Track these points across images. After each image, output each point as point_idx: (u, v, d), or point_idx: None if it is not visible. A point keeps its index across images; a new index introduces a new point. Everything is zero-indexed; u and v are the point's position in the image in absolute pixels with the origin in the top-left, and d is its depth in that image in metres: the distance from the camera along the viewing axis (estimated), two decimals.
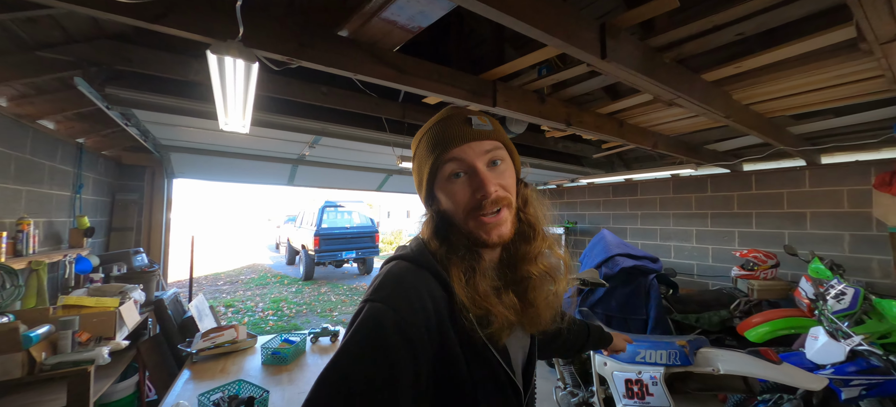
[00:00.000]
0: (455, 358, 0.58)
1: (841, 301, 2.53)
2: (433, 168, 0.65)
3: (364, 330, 0.54)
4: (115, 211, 4.02)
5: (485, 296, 0.61)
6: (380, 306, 0.55)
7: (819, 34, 1.41)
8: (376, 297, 0.57)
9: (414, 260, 0.63)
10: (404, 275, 0.60)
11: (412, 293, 0.57)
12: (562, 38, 1.25)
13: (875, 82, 1.84)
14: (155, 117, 2.79)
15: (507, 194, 0.65)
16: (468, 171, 0.64)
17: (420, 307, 0.56)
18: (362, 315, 0.56)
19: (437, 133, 0.66)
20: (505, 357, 0.63)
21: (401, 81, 1.65)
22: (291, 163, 4.23)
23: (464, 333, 0.60)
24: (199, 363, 2.18)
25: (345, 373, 0.51)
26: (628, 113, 2.64)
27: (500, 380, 0.62)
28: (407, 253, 0.65)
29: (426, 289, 0.59)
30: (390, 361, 0.51)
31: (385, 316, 0.54)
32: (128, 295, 2.38)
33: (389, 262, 0.66)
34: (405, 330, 0.53)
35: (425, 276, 0.61)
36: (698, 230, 4.48)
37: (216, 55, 1.28)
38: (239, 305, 6.62)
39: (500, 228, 0.64)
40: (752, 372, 1.51)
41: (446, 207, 0.66)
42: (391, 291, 0.57)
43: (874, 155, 3.25)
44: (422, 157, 0.69)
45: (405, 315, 0.54)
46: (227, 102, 1.91)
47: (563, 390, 2.26)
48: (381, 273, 0.63)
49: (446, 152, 0.64)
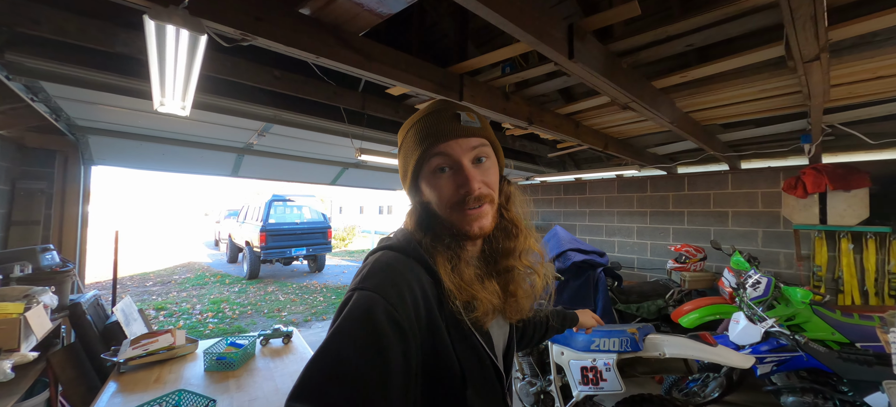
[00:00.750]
0: (444, 344, 0.59)
1: (757, 289, 2.87)
2: (419, 160, 0.67)
3: (355, 317, 0.54)
4: (17, 202, 3.43)
5: (469, 282, 0.64)
6: (369, 294, 0.55)
7: (753, 51, 1.58)
8: (365, 285, 0.57)
9: (401, 249, 0.64)
10: (392, 263, 0.61)
11: (401, 281, 0.58)
12: (534, 34, 1.26)
13: (791, 98, 2.11)
14: (69, 92, 2.42)
15: (490, 191, 0.67)
16: (453, 167, 0.65)
17: (409, 295, 0.57)
18: (352, 303, 0.55)
19: (426, 126, 0.67)
20: (488, 343, 0.66)
21: (367, 68, 1.57)
22: (236, 152, 3.90)
23: (451, 320, 0.61)
24: (129, 374, 1.93)
25: (338, 357, 0.51)
26: (585, 115, 2.77)
27: (484, 364, 0.64)
28: (393, 243, 0.66)
29: (415, 277, 0.60)
30: (381, 348, 0.51)
31: (375, 304, 0.54)
32: (35, 299, 2.04)
33: (376, 252, 0.66)
34: (395, 318, 0.54)
35: (413, 264, 0.62)
36: (639, 227, 4.86)
37: (155, 22, 1.12)
38: (172, 308, 6.01)
39: (481, 221, 0.66)
40: (693, 355, 1.66)
41: (430, 199, 0.68)
42: (380, 280, 0.57)
43: (783, 162, 3.74)
44: (408, 148, 0.69)
45: (395, 303, 0.55)
46: (164, 80, 1.70)
47: (523, 380, 2.32)
48: (369, 262, 0.63)
49: (434, 147, 0.65)
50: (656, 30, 1.52)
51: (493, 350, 0.66)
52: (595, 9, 2.53)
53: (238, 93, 2.60)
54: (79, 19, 1.87)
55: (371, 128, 3.20)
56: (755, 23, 1.42)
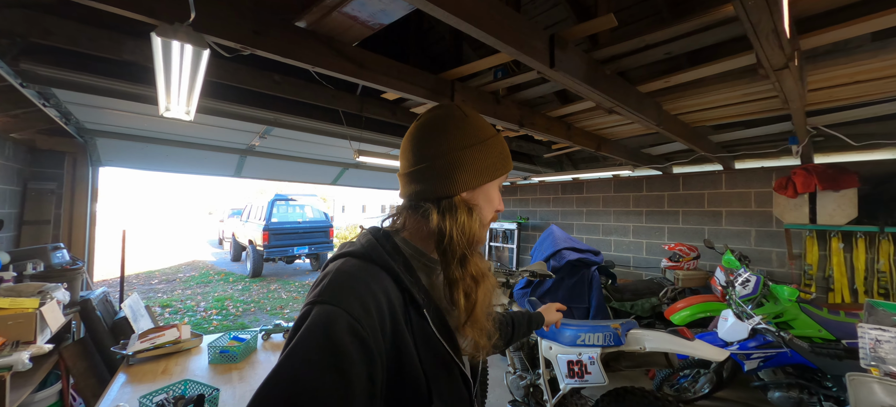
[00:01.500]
0: (410, 357, 0.57)
1: (746, 287, 2.94)
2: (499, 173, 0.70)
3: (313, 335, 0.50)
4: (28, 202, 3.55)
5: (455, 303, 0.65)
6: (330, 309, 0.52)
7: (729, 58, 1.65)
8: (324, 298, 0.54)
9: (365, 256, 0.61)
10: (355, 273, 0.58)
11: (365, 292, 0.55)
12: (515, 46, 1.34)
13: (773, 101, 2.17)
14: (79, 98, 2.53)
15: None
16: (500, 190, 0.74)
17: (375, 307, 0.54)
18: (310, 319, 0.52)
19: (508, 152, 0.73)
20: (456, 350, 0.64)
21: (360, 76, 1.66)
22: (239, 153, 4.01)
23: (419, 332, 0.60)
24: (137, 366, 2.03)
25: (293, 382, 0.47)
26: (575, 117, 2.84)
27: (452, 373, 0.63)
28: (357, 249, 0.63)
29: (380, 286, 0.57)
30: (343, 367, 0.48)
31: (336, 319, 0.51)
32: (49, 295, 2.15)
33: (336, 259, 0.63)
34: (360, 334, 0.51)
35: (378, 272, 0.59)
36: (635, 226, 4.92)
37: (162, 39, 1.21)
38: (177, 305, 6.15)
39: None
40: (670, 348, 1.74)
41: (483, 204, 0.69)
42: (342, 291, 0.54)
43: (776, 162, 3.79)
44: (495, 155, 0.70)
45: (359, 316, 0.52)
46: (169, 89, 1.80)
47: (513, 375, 2.41)
48: (329, 272, 0.59)
49: (508, 171, 0.72)
50: (635, 39, 1.59)
51: (460, 357, 0.65)
52: (587, 12, 2.60)
53: (240, 97, 2.70)
54: (90, 30, 1.97)
55: (369, 130, 3.28)
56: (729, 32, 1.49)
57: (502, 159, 0.70)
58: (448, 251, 0.64)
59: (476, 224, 0.66)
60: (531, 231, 6.21)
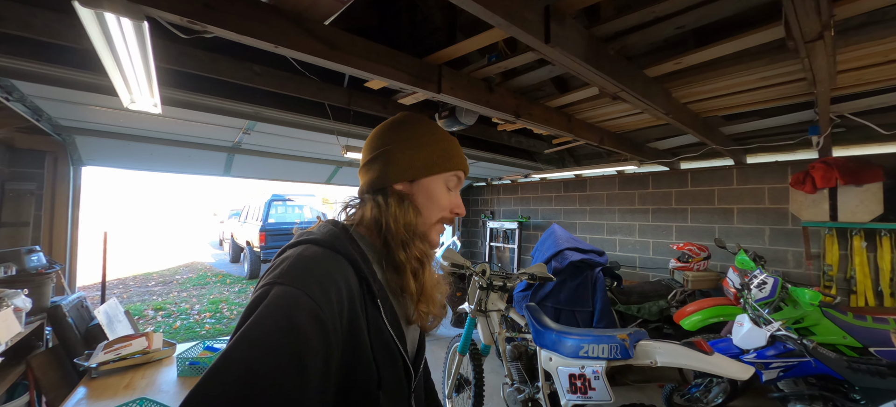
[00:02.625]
0: (364, 346, 0.58)
1: (762, 290, 2.73)
2: (442, 169, 0.72)
3: (273, 316, 0.48)
4: (6, 203, 3.41)
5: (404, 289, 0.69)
6: (292, 290, 0.51)
7: (750, 32, 1.45)
8: (285, 280, 0.53)
9: (328, 245, 0.61)
10: (319, 258, 0.58)
11: (326, 278, 0.55)
12: (503, 16, 1.15)
13: (796, 86, 1.96)
14: (47, 92, 2.37)
15: None
16: (455, 190, 0.75)
17: (335, 293, 0.55)
18: (270, 298, 0.50)
19: (457, 149, 0.75)
20: (403, 343, 0.66)
21: (331, 58, 1.47)
22: (226, 151, 3.85)
23: (373, 322, 0.61)
24: (101, 379, 1.87)
25: (248, 363, 0.45)
26: (576, 107, 2.65)
27: (397, 364, 0.64)
28: (319, 237, 0.63)
29: (341, 273, 0.58)
30: (301, 350, 0.47)
31: (298, 300, 0.50)
32: (5, 302, 1.99)
33: (296, 245, 0.62)
34: (320, 316, 0.51)
35: (341, 261, 0.60)
36: (641, 225, 4.71)
37: (88, 10, 1.03)
38: (171, 308, 6.01)
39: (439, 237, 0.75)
40: (687, 364, 1.54)
41: (422, 200, 0.71)
42: (304, 275, 0.54)
43: (791, 156, 3.56)
44: (435, 151, 0.72)
45: (321, 301, 0.52)
46: (124, 75, 1.63)
47: (510, 386, 2.22)
48: (291, 256, 0.58)
49: (458, 169, 0.74)
50: (643, 10, 1.40)
51: (405, 349, 0.67)
52: None
53: (219, 90, 2.53)
54: (44, 14, 1.81)
55: (358, 124, 3.11)
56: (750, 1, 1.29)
57: (445, 158, 0.72)
58: (388, 239, 0.67)
59: (410, 215, 0.68)
60: (533, 231, 6.00)
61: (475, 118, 2.67)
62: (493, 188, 6.76)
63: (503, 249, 6.40)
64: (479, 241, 6.93)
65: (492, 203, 6.79)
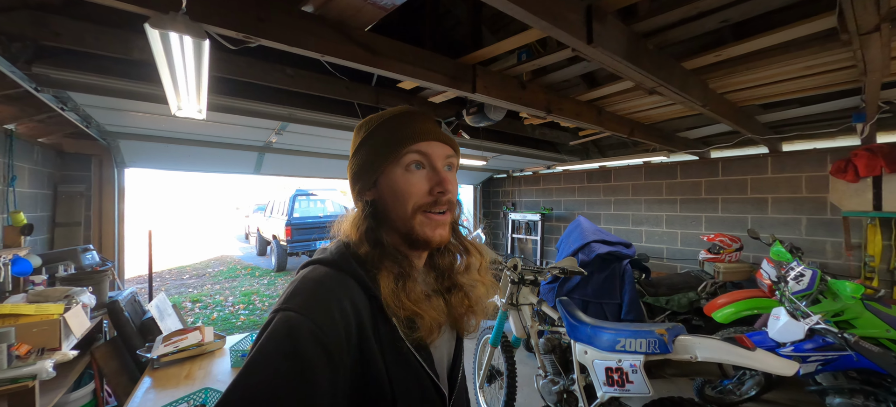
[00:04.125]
0: (376, 369, 0.56)
1: (800, 282, 2.66)
2: (390, 154, 0.63)
3: (275, 342, 0.49)
4: (59, 205, 3.65)
5: (416, 301, 0.61)
6: (293, 316, 0.51)
7: (800, 23, 1.41)
8: (289, 305, 0.53)
9: (335, 264, 0.60)
10: (323, 280, 0.57)
11: (331, 300, 0.55)
12: (548, 20, 1.17)
13: (843, 73, 1.89)
14: (97, 101, 2.51)
15: (454, 201, 0.67)
16: (430, 167, 0.64)
17: (340, 315, 0.54)
18: (273, 326, 0.51)
19: (403, 123, 0.65)
20: (429, 362, 0.63)
21: (373, 63, 1.52)
22: (257, 150, 3.98)
23: (387, 338, 0.58)
24: (162, 369, 2.02)
25: (254, 389, 0.47)
26: (607, 100, 2.62)
27: (424, 384, 0.61)
28: (327, 257, 0.62)
29: (348, 295, 0.57)
30: (305, 376, 0.48)
31: (300, 325, 0.50)
32: (74, 299, 2.16)
33: (307, 266, 0.62)
34: (323, 341, 0.50)
35: (347, 281, 0.59)
36: (668, 215, 4.62)
37: (157, 30, 1.11)
38: (207, 300, 6.31)
39: (442, 229, 0.64)
40: (728, 359, 1.54)
41: (389, 199, 0.64)
42: (307, 299, 0.54)
43: (831, 143, 3.42)
44: (377, 142, 0.65)
45: (322, 324, 0.51)
46: (177, 85, 1.72)
47: (545, 378, 2.26)
48: (297, 278, 0.59)
49: (413, 143, 0.63)
50: (686, 6, 1.38)
51: (433, 369, 0.63)
52: None
53: (253, 93, 2.62)
54: (95, 28, 1.92)
55: None
56: None
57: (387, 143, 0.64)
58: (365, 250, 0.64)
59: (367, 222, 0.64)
60: (555, 222, 5.98)
61: (503, 114, 2.68)
62: (515, 180, 6.74)
63: (526, 241, 6.41)
64: (501, 232, 6.95)
65: (513, 195, 6.78)
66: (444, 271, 0.70)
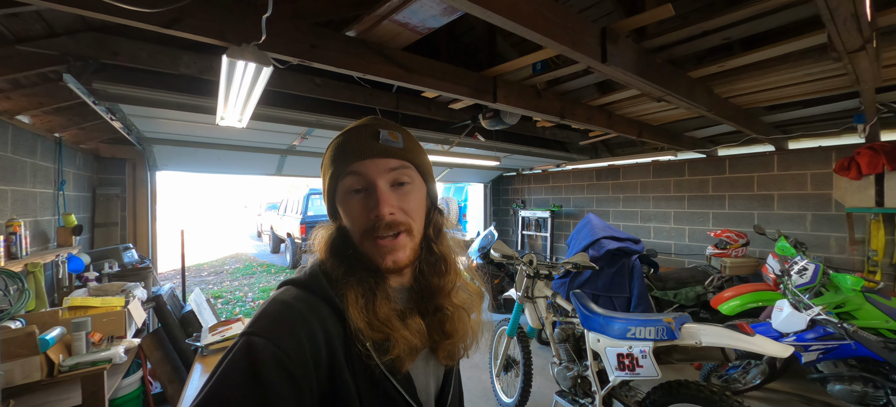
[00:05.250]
0: (348, 395, 0.54)
1: (803, 276, 2.79)
2: (334, 179, 0.62)
3: (236, 366, 0.48)
4: (98, 206, 3.89)
5: (386, 320, 0.58)
6: (257, 340, 0.49)
7: (795, 39, 1.55)
8: (254, 329, 0.51)
9: (305, 285, 0.59)
10: (291, 302, 0.55)
11: (297, 323, 0.52)
12: (568, 44, 1.32)
13: (840, 80, 2.02)
14: (141, 111, 2.71)
15: (406, 219, 0.61)
16: (367, 188, 0.60)
17: (308, 339, 0.52)
18: (236, 349, 0.50)
19: (342, 143, 0.62)
20: (408, 387, 0.59)
21: (407, 80, 1.69)
22: (280, 153, 4.19)
23: (360, 364, 0.56)
24: (210, 356, 2.22)
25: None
26: (617, 105, 2.76)
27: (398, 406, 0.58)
28: (298, 278, 0.60)
29: (316, 317, 0.54)
30: (266, 400, 0.46)
31: (262, 350, 0.48)
32: (132, 294, 2.37)
33: (281, 286, 0.61)
34: (286, 366, 0.48)
35: (316, 302, 0.56)
36: (676, 212, 4.75)
37: (231, 59, 1.29)
38: (227, 296, 6.56)
39: (395, 254, 0.60)
40: (730, 344, 1.70)
41: (346, 224, 0.62)
42: (273, 322, 0.52)
43: (835, 141, 3.52)
44: (325, 166, 0.64)
45: (287, 348, 0.49)
46: (227, 101, 1.91)
47: (559, 365, 2.43)
48: (268, 300, 0.57)
49: (348, 164, 0.60)
50: (692, 26, 1.53)
51: (414, 395, 0.60)
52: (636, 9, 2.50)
53: (284, 101, 2.81)
54: (149, 46, 2.11)
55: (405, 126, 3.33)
56: (796, 14, 1.40)
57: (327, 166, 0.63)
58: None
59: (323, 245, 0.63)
60: (565, 219, 6.12)
61: (518, 118, 2.84)
62: (524, 178, 6.88)
63: (535, 238, 6.56)
64: (511, 229, 7.11)
65: (523, 192, 6.93)
66: (425, 292, 0.65)
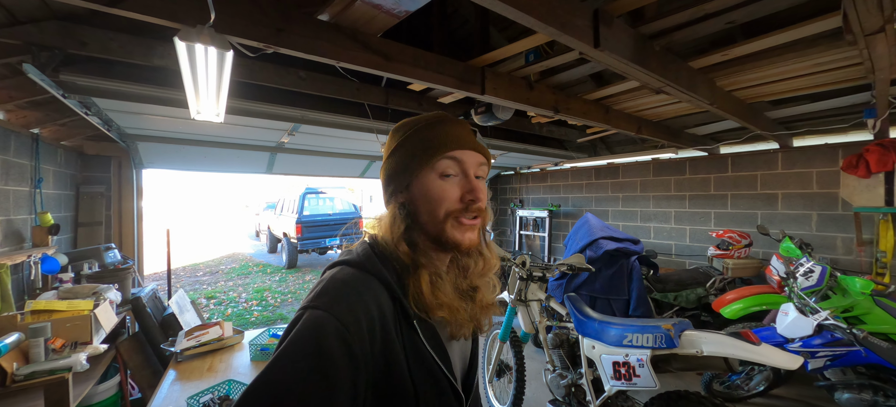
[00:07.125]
0: (400, 369, 0.57)
1: (809, 278, 2.67)
2: (425, 161, 0.65)
3: (302, 339, 0.51)
4: (81, 205, 3.78)
5: (451, 299, 0.64)
6: (321, 314, 0.53)
7: (805, 23, 1.43)
8: (317, 303, 0.55)
9: (361, 266, 0.62)
10: (350, 281, 0.59)
11: (357, 300, 0.56)
12: (556, 27, 1.21)
13: (852, 70, 1.89)
14: (118, 105, 2.60)
15: (484, 207, 0.68)
16: (463, 174, 0.66)
17: (365, 316, 0.55)
18: (301, 323, 0.53)
19: (439, 130, 0.67)
20: (447, 364, 0.64)
21: (386, 69, 1.57)
22: (269, 151, 4.07)
23: (409, 341, 0.60)
24: (185, 363, 2.11)
25: (279, 384, 0.48)
26: (615, 99, 2.64)
27: (442, 387, 0.62)
28: (353, 258, 0.64)
29: (373, 296, 0.58)
30: (329, 373, 0.49)
31: (326, 324, 0.52)
32: (102, 296, 2.26)
33: (334, 266, 0.64)
34: (347, 340, 0.52)
35: (372, 282, 0.60)
36: (677, 211, 4.62)
37: (185, 42, 1.17)
38: (221, 297, 6.46)
39: (472, 233, 0.66)
40: (733, 353, 1.58)
41: (421, 203, 0.66)
42: (334, 298, 0.56)
43: (843, 138, 3.39)
44: (413, 147, 0.67)
45: (348, 323, 0.53)
46: (198, 91, 1.79)
47: (553, 372, 2.31)
48: (325, 278, 0.61)
49: (448, 150, 0.65)
50: (693, 8, 1.41)
51: (452, 372, 0.65)
52: None
53: (267, 95, 2.70)
54: (121, 37, 2.00)
55: (394, 121, 3.22)
56: None
57: (424, 148, 0.65)
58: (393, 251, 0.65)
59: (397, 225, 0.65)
60: (563, 219, 5.99)
61: (511, 113, 2.72)
62: (522, 177, 6.76)
63: (533, 238, 6.44)
64: (509, 229, 6.99)
65: (520, 191, 6.81)
66: (465, 273, 0.72)
